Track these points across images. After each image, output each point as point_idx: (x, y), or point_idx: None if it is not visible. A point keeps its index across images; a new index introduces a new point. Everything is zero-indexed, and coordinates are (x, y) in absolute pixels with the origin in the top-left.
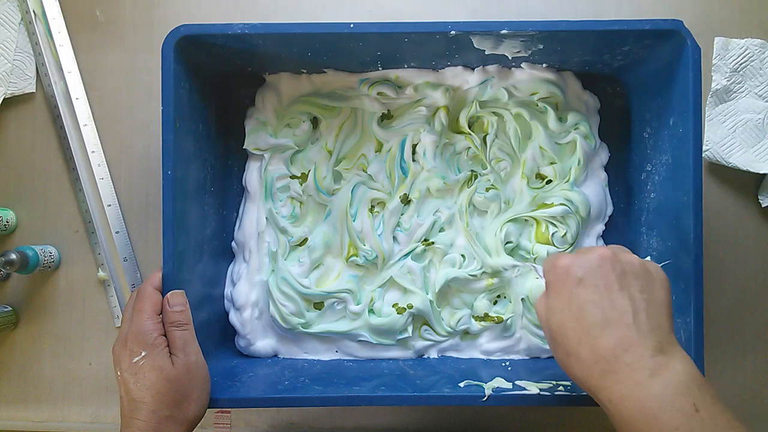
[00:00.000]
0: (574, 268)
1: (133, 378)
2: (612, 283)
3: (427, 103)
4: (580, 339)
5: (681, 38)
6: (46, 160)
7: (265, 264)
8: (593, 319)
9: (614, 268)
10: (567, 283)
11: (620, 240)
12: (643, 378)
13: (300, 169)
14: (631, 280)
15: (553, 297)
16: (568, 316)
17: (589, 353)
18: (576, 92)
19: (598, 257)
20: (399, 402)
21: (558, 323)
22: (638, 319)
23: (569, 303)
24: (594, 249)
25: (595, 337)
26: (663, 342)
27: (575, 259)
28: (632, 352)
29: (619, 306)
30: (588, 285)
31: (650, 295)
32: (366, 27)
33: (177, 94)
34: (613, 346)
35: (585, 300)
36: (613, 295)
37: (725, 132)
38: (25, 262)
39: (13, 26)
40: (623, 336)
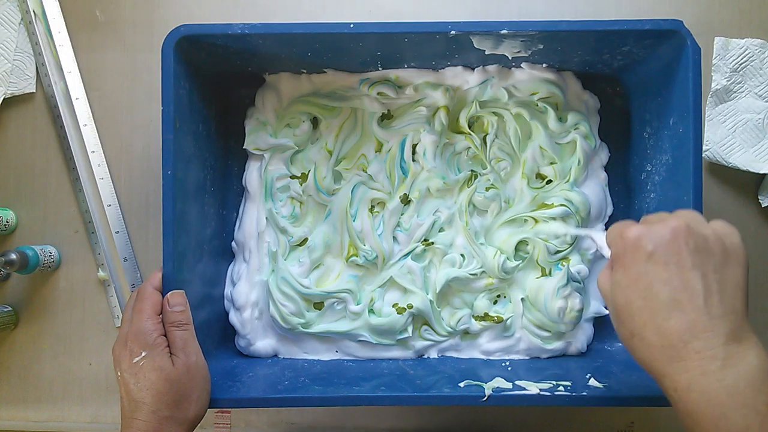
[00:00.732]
0: (644, 241)
1: (134, 378)
2: (684, 260)
3: (427, 103)
4: (646, 320)
5: (681, 38)
6: (46, 160)
7: (265, 264)
8: (662, 299)
9: (687, 244)
10: (636, 258)
11: None
12: (713, 368)
13: (300, 169)
14: (705, 258)
15: (619, 272)
16: (634, 294)
17: (655, 336)
18: (576, 92)
19: (672, 230)
20: (399, 402)
21: (624, 301)
22: (710, 302)
23: (637, 280)
24: (666, 219)
25: (663, 319)
26: (736, 328)
27: (646, 230)
28: (703, 338)
29: (691, 286)
30: (658, 261)
31: (725, 274)
32: (366, 27)
33: (177, 94)
34: (682, 330)
35: (654, 278)
36: (684, 273)
37: (725, 132)
38: (25, 262)
39: (13, 26)
40: (693, 320)
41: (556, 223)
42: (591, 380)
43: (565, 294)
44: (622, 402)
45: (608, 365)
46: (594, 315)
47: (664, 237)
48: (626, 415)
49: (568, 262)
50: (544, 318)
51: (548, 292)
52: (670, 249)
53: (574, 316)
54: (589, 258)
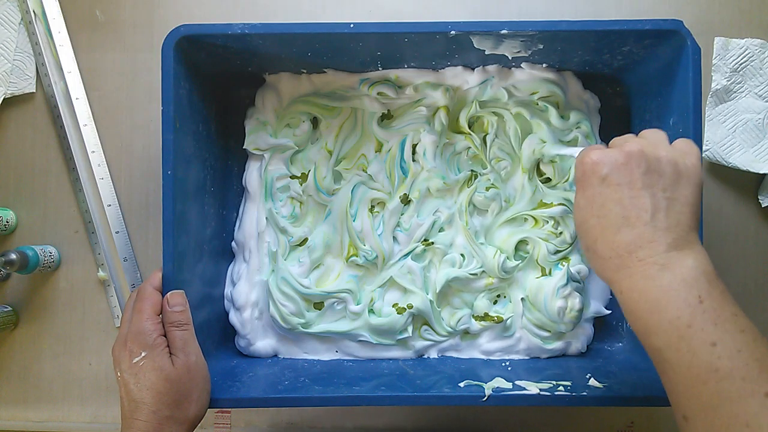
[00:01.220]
0: (599, 165)
1: (134, 378)
2: (635, 181)
3: (427, 103)
4: (598, 236)
5: (681, 38)
6: (46, 160)
7: (265, 264)
8: (613, 217)
9: (639, 166)
10: (592, 181)
11: None
12: (652, 272)
13: (300, 169)
14: (655, 178)
15: (579, 194)
16: (589, 213)
17: (606, 249)
18: (576, 92)
19: (625, 155)
20: (399, 402)
21: (581, 219)
22: (657, 218)
23: (592, 201)
24: (625, 143)
25: (613, 233)
26: (679, 239)
27: (602, 155)
28: (646, 248)
29: (640, 204)
30: (611, 183)
31: (674, 193)
32: (366, 27)
33: (177, 94)
34: (629, 243)
35: (607, 198)
36: (634, 193)
37: (725, 132)
38: (25, 262)
39: (13, 26)
40: (639, 233)
41: (555, 146)
42: (591, 380)
43: (565, 294)
44: (622, 402)
45: (608, 365)
46: (594, 315)
47: (618, 161)
48: (626, 415)
49: (568, 262)
50: (544, 318)
51: (548, 292)
52: (622, 172)
53: (574, 316)
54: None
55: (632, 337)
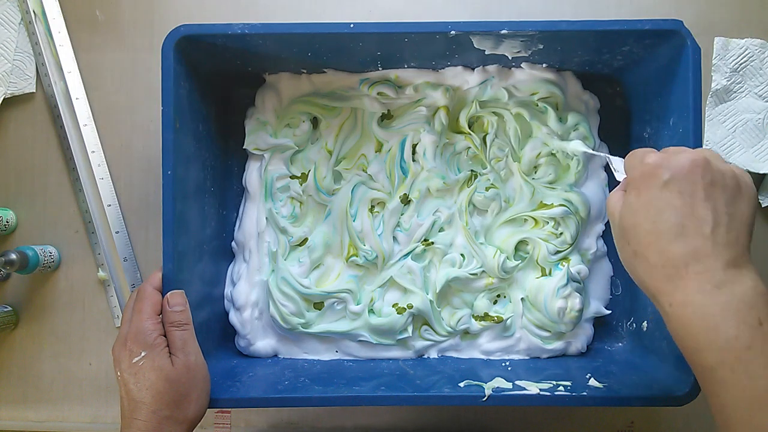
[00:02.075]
0: (662, 169)
1: (133, 378)
2: (698, 191)
3: (427, 103)
4: (651, 242)
5: (681, 38)
6: (46, 160)
7: (265, 264)
8: (670, 224)
9: (704, 177)
10: (651, 184)
11: None
12: (709, 287)
13: (300, 169)
14: (718, 192)
15: (633, 195)
16: (644, 217)
17: (657, 257)
18: (576, 92)
19: (690, 162)
20: (399, 402)
21: (632, 222)
22: (717, 232)
23: (649, 204)
24: (686, 151)
25: (668, 241)
26: (737, 257)
27: (665, 159)
28: (703, 262)
29: (700, 216)
30: (673, 189)
31: (735, 209)
32: (366, 27)
33: (177, 94)
34: (685, 254)
35: (666, 204)
36: (696, 203)
37: (725, 132)
38: (25, 262)
39: (13, 26)
40: (697, 246)
41: (575, 141)
42: (591, 380)
43: (565, 294)
44: (622, 402)
45: (608, 365)
46: (594, 315)
47: (683, 167)
48: (626, 415)
49: (568, 262)
50: (544, 318)
51: (548, 292)
52: (686, 179)
53: (574, 316)
54: (589, 258)
55: (632, 337)
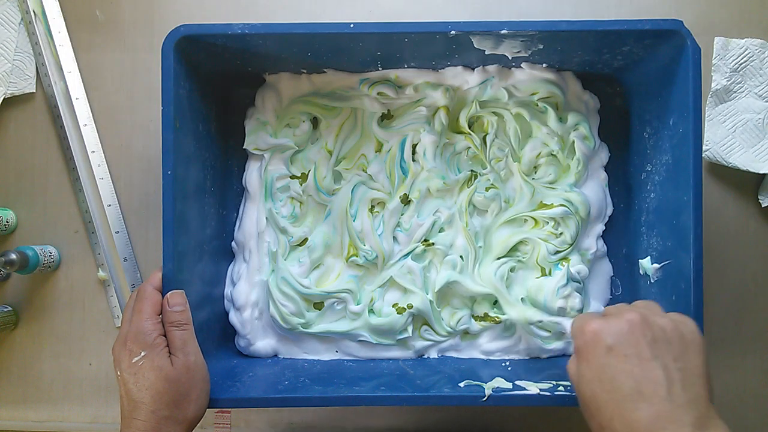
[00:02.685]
0: (602, 335)
1: (133, 378)
2: (643, 351)
3: (427, 103)
4: (613, 413)
5: (681, 38)
6: (46, 160)
7: (265, 264)
8: (626, 391)
9: (645, 335)
10: (596, 351)
11: (620, 240)
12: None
13: (300, 169)
14: (663, 348)
15: (583, 365)
16: (599, 387)
17: (623, 428)
18: (576, 92)
19: (628, 323)
20: (399, 402)
21: (590, 394)
22: (673, 392)
23: (600, 373)
24: (623, 312)
25: (629, 411)
26: (701, 416)
27: (604, 324)
28: (669, 429)
29: (653, 377)
30: (618, 354)
31: (685, 363)
32: (366, 27)
33: (177, 94)
34: (649, 422)
35: (616, 370)
36: (645, 364)
37: (725, 132)
38: (25, 262)
39: (13, 26)
40: (659, 411)
41: (533, 310)
42: None
43: (565, 294)
44: None
45: None
46: None
47: (622, 330)
48: None
49: (568, 262)
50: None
51: (548, 292)
52: (628, 341)
53: (573, 316)
54: (589, 258)
55: None
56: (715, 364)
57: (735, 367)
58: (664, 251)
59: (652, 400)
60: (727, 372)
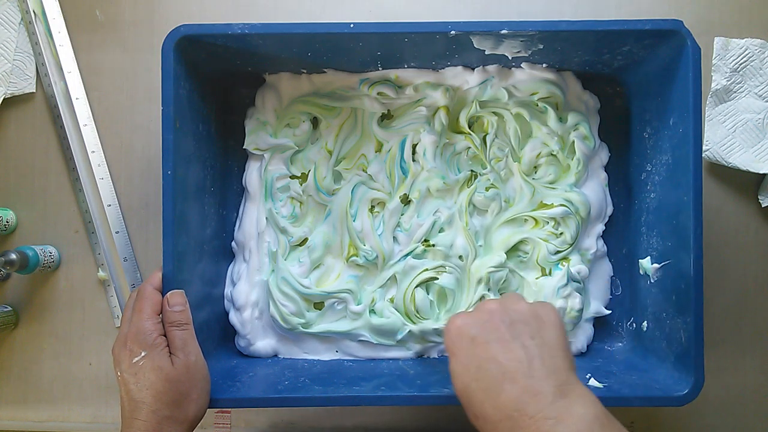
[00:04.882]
0: (465, 328)
1: (133, 378)
2: (503, 334)
3: (427, 103)
4: (483, 399)
5: (681, 38)
6: (46, 160)
7: (265, 264)
8: (492, 375)
9: (503, 320)
10: (462, 344)
11: (620, 240)
12: (547, 428)
13: (300, 169)
14: (521, 328)
15: (453, 362)
16: (468, 377)
17: (494, 412)
18: (576, 92)
19: (487, 312)
20: (399, 402)
21: (462, 386)
22: (533, 367)
23: (467, 364)
24: (484, 304)
25: (497, 393)
26: (562, 385)
27: (467, 318)
28: (533, 403)
29: (514, 356)
30: (480, 342)
31: (542, 339)
32: (366, 27)
33: (177, 94)
34: (515, 400)
35: (481, 358)
36: (506, 346)
37: (725, 132)
38: (25, 262)
39: (13, 26)
40: (523, 387)
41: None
42: (591, 380)
43: (565, 294)
44: (622, 402)
45: (608, 365)
46: (594, 315)
47: (482, 319)
48: (626, 415)
49: (568, 262)
50: None
51: (548, 293)
52: (488, 328)
53: (574, 316)
54: (589, 258)
55: (632, 337)
56: (715, 364)
57: (735, 367)
58: (664, 251)
59: (516, 379)
60: (727, 372)
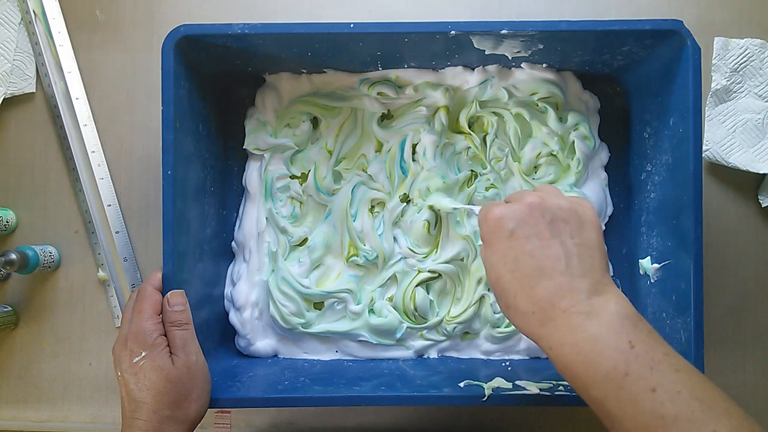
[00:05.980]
0: (504, 220)
1: (134, 378)
2: (543, 231)
3: (427, 103)
4: (516, 291)
5: (681, 38)
6: (46, 160)
7: (265, 264)
8: (528, 269)
9: (543, 216)
10: (500, 236)
11: (620, 240)
12: (579, 322)
13: (300, 169)
14: (561, 226)
15: (488, 251)
16: (503, 268)
17: (526, 304)
18: (576, 92)
19: (528, 207)
20: (399, 402)
21: (496, 276)
22: (571, 265)
23: (504, 256)
24: (524, 196)
25: (531, 287)
26: (596, 284)
27: (506, 210)
28: (567, 298)
29: (552, 254)
30: (520, 236)
31: (581, 238)
32: (366, 27)
33: (177, 94)
34: (549, 294)
35: (518, 251)
36: (544, 243)
37: (725, 132)
38: (25, 262)
39: (13, 26)
40: (558, 283)
41: (446, 199)
42: None
43: None
44: None
45: None
46: None
47: (522, 213)
48: None
49: None
50: None
51: None
52: (528, 223)
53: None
54: None
55: None
56: (715, 364)
57: (735, 367)
58: (664, 251)
59: (552, 276)
60: (727, 372)
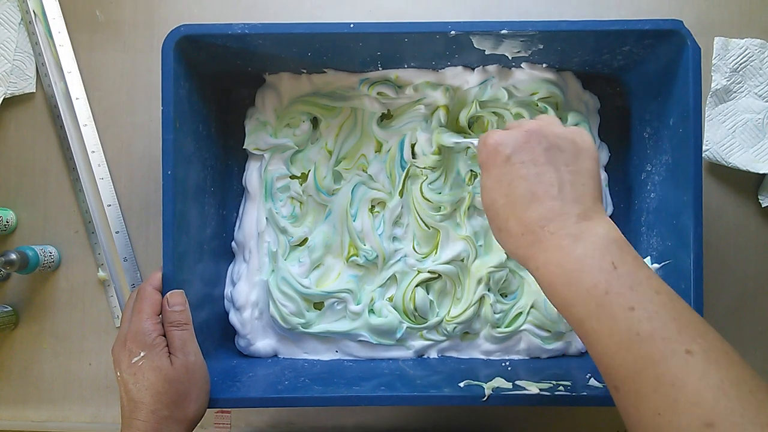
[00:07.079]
0: (502, 146)
1: (133, 378)
2: (538, 157)
3: (427, 102)
4: (508, 214)
5: (681, 38)
6: (46, 160)
7: (265, 264)
8: (521, 193)
9: (540, 143)
10: (497, 162)
11: None
12: (566, 243)
13: (300, 169)
14: (556, 154)
15: (485, 176)
16: (498, 193)
17: (517, 226)
18: (576, 92)
19: (525, 133)
20: (399, 402)
21: (490, 201)
22: (563, 191)
23: (499, 181)
24: (522, 124)
25: (523, 210)
26: (587, 210)
27: (504, 136)
28: (557, 221)
29: (546, 180)
30: (515, 162)
31: (576, 166)
32: (366, 27)
33: (177, 94)
34: (539, 217)
35: (513, 176)
36: (539, 169)
37: (725, 132)
38: (25, 262)
39: (13, 26)
40: (549, 207)
41: (447, 134)
42: (591, 380)
43: None
44: None
45: None
46: None
47: (519, 139)
48: None
49: None
50: (544, 318)
51: None
52: (524, 149)
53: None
54: None
55: None
56: None
57: None
58: (664, 251)
59: (544, 200)
60: None
